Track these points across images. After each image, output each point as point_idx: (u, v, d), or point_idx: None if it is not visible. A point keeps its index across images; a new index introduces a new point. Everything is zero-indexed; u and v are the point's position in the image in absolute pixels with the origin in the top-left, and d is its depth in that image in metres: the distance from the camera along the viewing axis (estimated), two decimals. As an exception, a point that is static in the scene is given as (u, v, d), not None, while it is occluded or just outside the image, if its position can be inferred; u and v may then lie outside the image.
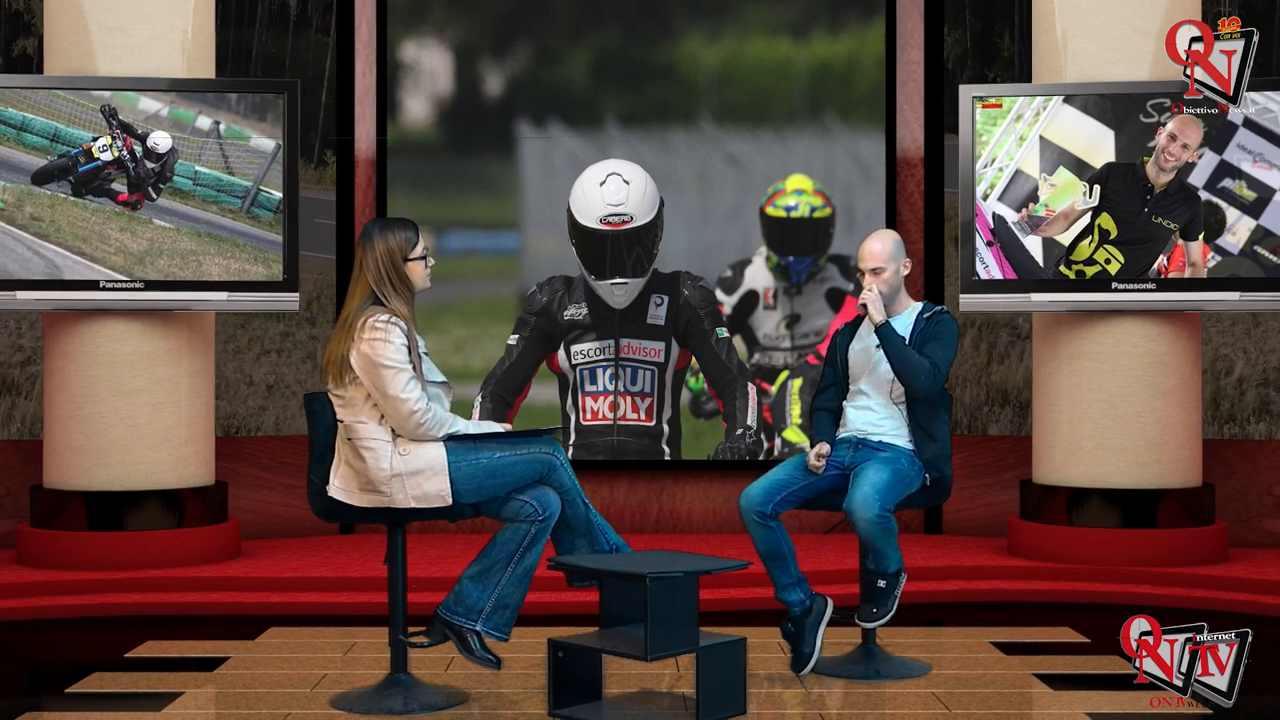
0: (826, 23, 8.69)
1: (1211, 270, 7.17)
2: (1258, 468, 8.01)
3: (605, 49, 8.70)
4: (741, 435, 7.90)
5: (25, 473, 7.78)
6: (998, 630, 6.19)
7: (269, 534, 8.10)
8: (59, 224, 7.10)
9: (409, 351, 4.60)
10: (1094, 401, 7.28)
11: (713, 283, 8.32)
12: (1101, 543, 7.20)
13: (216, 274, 7.21)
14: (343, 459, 4.69)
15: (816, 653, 5.13)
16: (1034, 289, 7.29)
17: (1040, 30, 7.50)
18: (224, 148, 7.25)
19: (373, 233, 4.70)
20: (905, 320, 5.24)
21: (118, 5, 7.11)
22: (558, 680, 4.64)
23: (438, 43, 8.84)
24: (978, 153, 7.35)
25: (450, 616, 4.68)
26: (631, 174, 7.87)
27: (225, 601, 6.69)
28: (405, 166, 8.50)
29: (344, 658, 5.61)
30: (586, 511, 4.81)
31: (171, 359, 7.25)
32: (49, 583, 6.78)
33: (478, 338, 8.61)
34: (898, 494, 5.06)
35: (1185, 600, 6.77)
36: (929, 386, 5.10)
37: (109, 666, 5.49)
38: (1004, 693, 5.05)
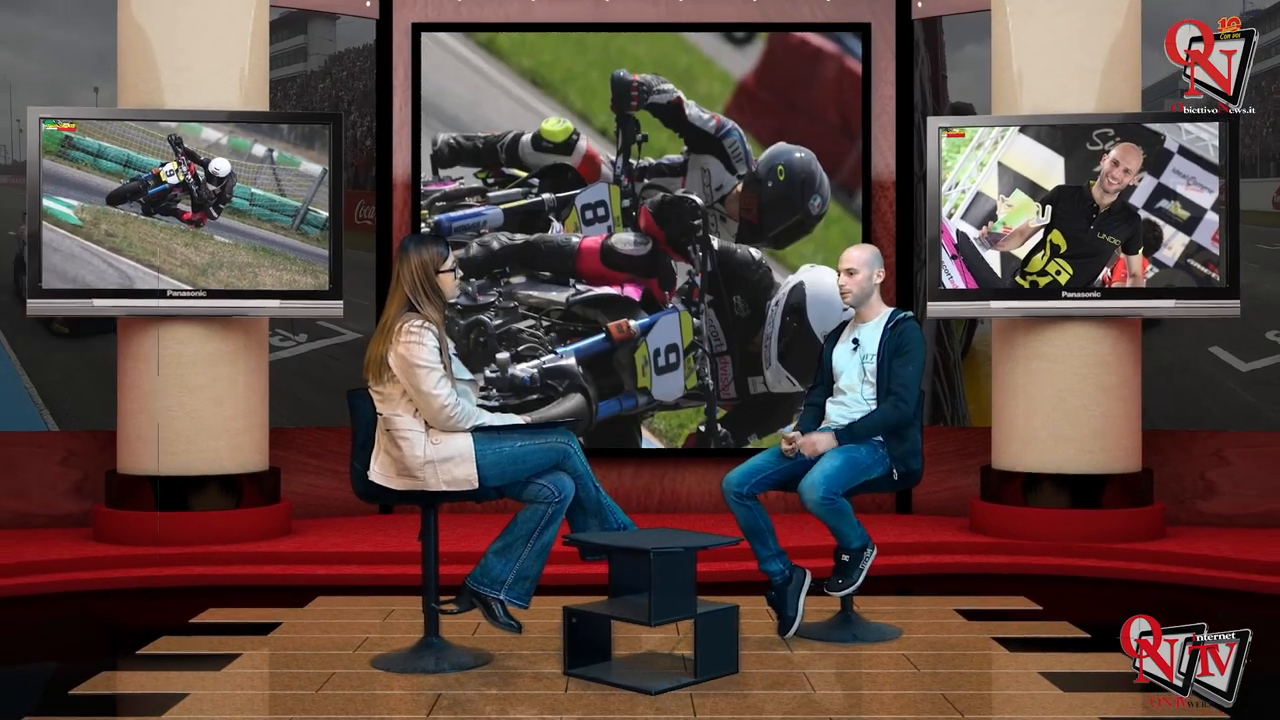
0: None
1: (1150, 281, 7.16)
2: (1191, 455, 8.00)
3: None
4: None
5: (101, 460, 7.80)
6: (961, 599, 6.18)
7: (316, 514, 8.10)
8: (131, 240, 7.11)
9: (440, 353, 4.61)
10: (1046, 396, 7.28)
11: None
12: (1053, 521, 7.20)
13: (270, 284, 7.21)
14: (381, 448, 4.70)
15: (799, 618, 5.14)
16: (993, 297, 7.29)
17: (999, 69, 7.50)
18: (277, 172, 7.26)
19: (408, 248, 4.71)
20: (876, 326, 5.26)
21: (183, 47, 7.13)
22: (572, 643, 4.66)
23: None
24: (943, 176, 7.35)
25: (476, 586, 4.69)
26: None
27: (277, 573, 6.69)
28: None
29: (383, 623, 5.61)
30: (597, 494, 4.82)
31: (230, 359, 7.26)
32: (122, 557, 6.79)
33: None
34: (848, 479, 5.06)
35: (1127, 573, 6.79)
36: (902, 419, 5.15)
37: (175, 631, 5.50)
38: (966, 654, 5.05)
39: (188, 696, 4.38)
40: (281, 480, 7.68)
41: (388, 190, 8.48)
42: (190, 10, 7.13)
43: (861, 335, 5.29)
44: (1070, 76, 7.26)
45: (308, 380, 8.33)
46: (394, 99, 8.49)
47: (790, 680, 4.58)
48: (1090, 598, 6.40)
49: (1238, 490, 7.95)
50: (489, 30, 8.51)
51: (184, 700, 4.33)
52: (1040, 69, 7.31)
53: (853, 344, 5.30)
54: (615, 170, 8.38)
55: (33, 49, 8.02)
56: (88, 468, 7.90)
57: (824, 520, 5.05)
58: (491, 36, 8.51)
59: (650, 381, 8.35)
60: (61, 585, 6.50)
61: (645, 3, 8.53)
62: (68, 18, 7.98)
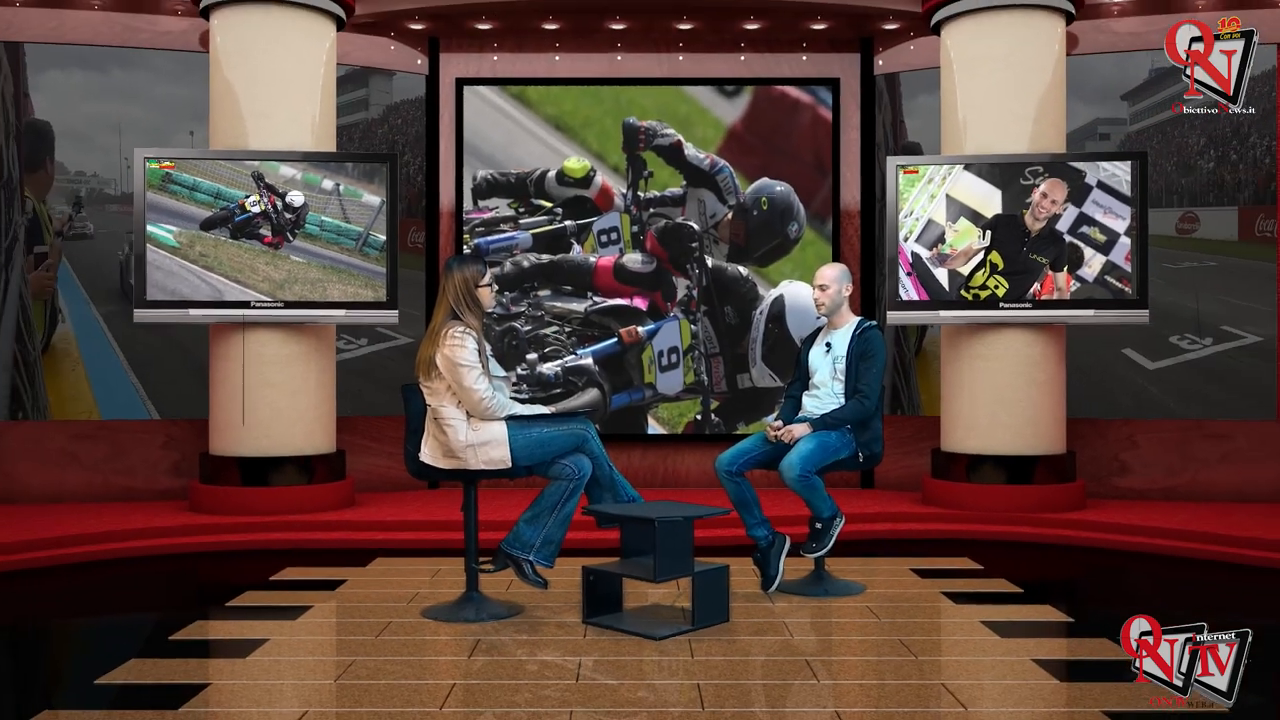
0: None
1: (1073, 294, 7.14)
2: (1107, 440, 7.99)
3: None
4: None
5: (196, 444, 7.81)
6: (915, 560, 6.17)
7: (375, 489, 8.10)
8: (220, 259, 7.11)
9: (479, 354, 4.60)
10: (986, 390, 7.27)
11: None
12: (992, 495, 7.19)
13: (337, 296, 7.21)
14: (430, 433, 4.70)
15: (779, 576, 5.13)
16: (942, 307, 7.27)
17: (947, 116, 7.49)
18: (343, 203, 7.25)
19: (452, 266, 4.70)
20: (846, 332, 5.25)
21: (264, 97, 7.14)
22: (589, 596, 4.66)
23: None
24: (900, 206, 7.33)
25: (509, 549, 4.68)
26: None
27: (343, 539, 6.70)
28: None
29: (431, 580, 5.61)
30: (611, 472, 4.81)
31: (303, 359, 7.26)
32: (213, 524, 6.80)
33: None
34: (820, 460, 5.05)
35: (1054, 538, 6.78)
36: (865, 414, 5.13)
37: (257, 587, 5.51)
38: (919, 606, 5.04)
39: (268, 641, 4.39)
40: (346, 460, 7.68)
41: (435, 218, 8.49)
42: (270, 68, 7.14)
43: (833, 340, 5.28)
44: (1006, 123, 7.25)
45: (368, 377, 8.33)
46: (441, 142, 8.50)
47: (772, 628, 4.57)
48: (1023, 559, 6.38)
49: (1146, 469, 7.94)
50: (520, 84, 8.51)
51: (265, 644, 4.34)
52: (981, 117, 7.30)
53: (826, 346, 5.30)
54: (626, 201, 8.38)
55: (139, 99, 8.02)
56: (184, 450, 7.92)
57: (800, 494, 5.05)
58: (522, 89, 8.50)
59: (655, 378, 8.35)
60: (162, 549, 6.53)
61: (651, 61, 8.53)
62: (169, 74, 7.99)
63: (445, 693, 3.69)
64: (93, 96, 7.99)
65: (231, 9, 7.17)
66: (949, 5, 7.36)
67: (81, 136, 7.99)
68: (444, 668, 4.05)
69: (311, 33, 7.27)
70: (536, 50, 8.51)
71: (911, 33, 8.26)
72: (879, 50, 8.46)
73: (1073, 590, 5.89)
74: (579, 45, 8.49)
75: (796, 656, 4.16)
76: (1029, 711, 3.55)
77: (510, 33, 8.41)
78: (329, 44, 7.39)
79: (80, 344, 7.94)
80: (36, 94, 7.87)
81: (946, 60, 7.47)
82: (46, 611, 5.42)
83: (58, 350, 7.91)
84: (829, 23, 8.22)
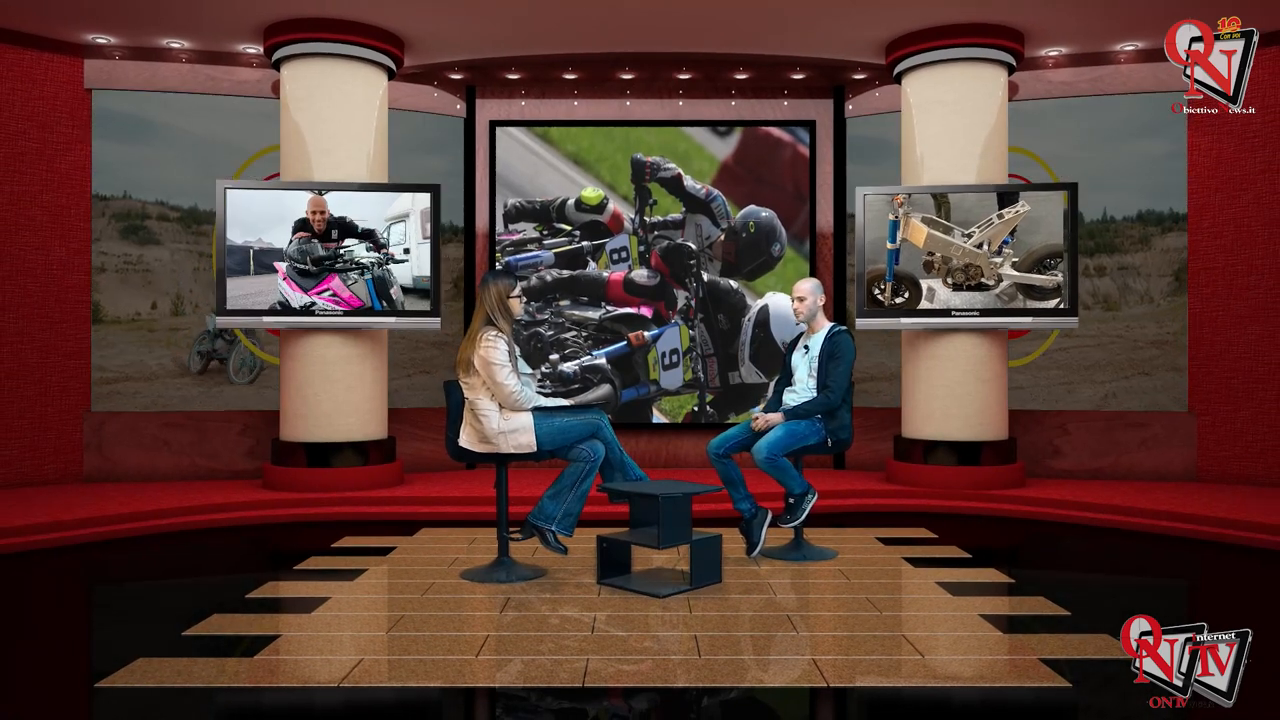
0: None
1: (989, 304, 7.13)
2: (1043, 428, 7.97)
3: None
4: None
5: (268, 431, 7.81)
6: (880, 530, 6.17)
7: (421, 469, 8.10)
8: (291, 274, 7.10)
9: (510, 355, 4.61)
10: (940, 385, 7.25)
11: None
12: (945, 475, 7.18)
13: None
14: (467, 422, 4.70)
15: (761, 543, 5.13)
16: (903, 314, 7.26)
17: (907, 152, 7.48)
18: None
19: (488, 280, 4.71)
20: (820, 336, 5.24)
21: (327, 135, 7.15)
22: (603, 561, 4.67)
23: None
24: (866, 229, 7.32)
25: (535, 521, 4.69)
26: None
27: (393, 512, 6.70)
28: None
29: (469, 547, 5.62)
30: (621, 455, 4.80)
31: (359, 360, 7.26)
32: (283, 499, 6.80)
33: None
34: (786, 445, 5.04)
35: (998, 511, 6.77)
36: (830, 406, 5.10)
37: (321, 553, 5.53)
38: (884, 568, 5.03)
39: (330, 599, 4.39)
40: (396, 445, 7.68)
41: (472, 239, 8.48)
42: (332, 112, 7.15)
43: (811, 343, 5.27)
44: (957, 158, 7.23)
45: (416, 374, 8.33)
46: (476, 174, 8.50)
47: (758, 588, 4.57)
48: (972, 529, 6.37)
49: (1075, 453, 7.92)
50: (544, 125, 8.50)
51: (327, 602, 4.34)
52: (936, 152, 7.29)
53: (804, 349, 5.29)
54: (634, 225, 8.37)
55: (221, 139, 8.03)
56: (259, 436, 7.92)
57: (769, 474, 5.04)
58: (546, 130, 8.50)
59: (659, 375, 8.34)
60: (239, 520, 6.53)
61: (655, 106, 8.52)
62: (246, 117, 7.99)
63: (480, 643, 3.70)
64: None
65: (299, 61, 7.17)
66: (909, 58, 7.36)
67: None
68: (479, 622, 4.05)
69: (367, 81, 7.27)
70: (558, 96, 8.51)
71: (877, 81, 8.25)
72: (849, 96, 8.45)
73: (1014, 556, 5.88)
74: (594, 92, 8.49)
75: (779, 612, 4.16)
76: (976, 659, 3.55)
77: (536, 81, 8.41)
78: (382, 91, 7.39)
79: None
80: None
81: (906, 105, 7.46)
82: (142, 573, 5.44)
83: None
84: (807, 73, 8.22)
